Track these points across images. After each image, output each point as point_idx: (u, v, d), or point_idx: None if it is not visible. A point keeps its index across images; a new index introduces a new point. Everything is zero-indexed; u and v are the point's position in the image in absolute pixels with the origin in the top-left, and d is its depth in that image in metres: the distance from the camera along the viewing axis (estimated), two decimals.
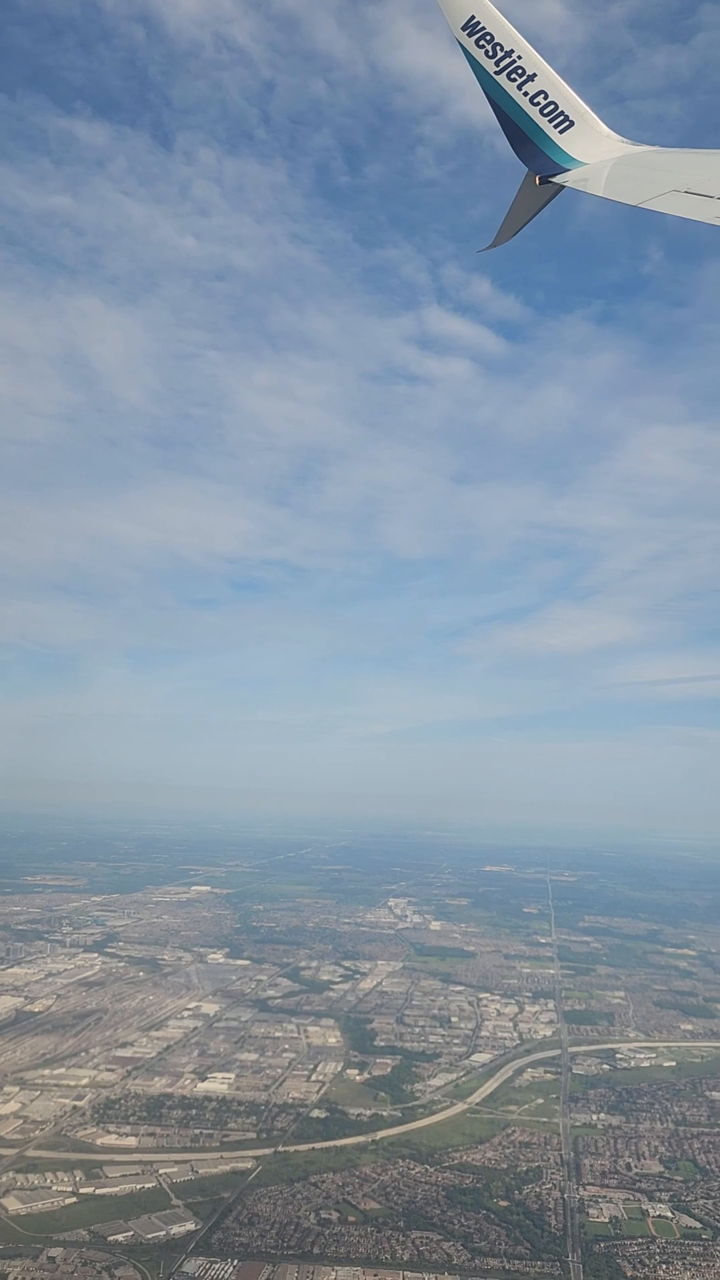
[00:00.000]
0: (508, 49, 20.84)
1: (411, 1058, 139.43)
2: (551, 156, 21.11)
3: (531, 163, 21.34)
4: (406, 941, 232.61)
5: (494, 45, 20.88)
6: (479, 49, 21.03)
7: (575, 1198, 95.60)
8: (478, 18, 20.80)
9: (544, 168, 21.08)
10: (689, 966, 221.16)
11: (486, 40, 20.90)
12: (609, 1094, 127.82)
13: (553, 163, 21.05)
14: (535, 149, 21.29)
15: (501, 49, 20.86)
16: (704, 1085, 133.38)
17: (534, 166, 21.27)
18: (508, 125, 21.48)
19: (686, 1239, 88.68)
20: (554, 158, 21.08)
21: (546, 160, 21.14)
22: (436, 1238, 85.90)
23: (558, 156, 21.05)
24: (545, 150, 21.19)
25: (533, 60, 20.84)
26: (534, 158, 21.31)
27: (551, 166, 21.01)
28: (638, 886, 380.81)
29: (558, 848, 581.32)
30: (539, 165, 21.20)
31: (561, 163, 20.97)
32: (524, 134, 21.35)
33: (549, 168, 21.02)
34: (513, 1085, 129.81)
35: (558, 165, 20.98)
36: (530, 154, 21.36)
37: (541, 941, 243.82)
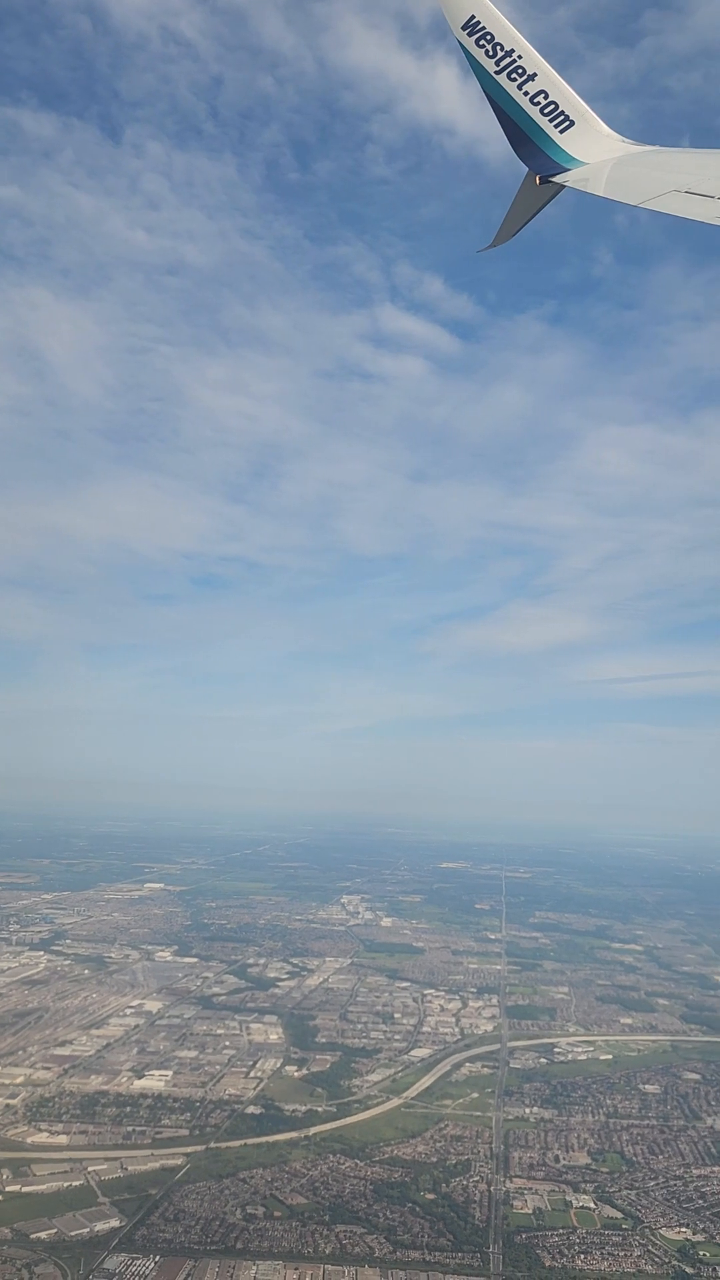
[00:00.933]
0: (508, 49, 21.01)
1: (352, 1054, 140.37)
2: (552, 156, 21.32)
3: (531, 162, 21.51)
4: (356, 938, 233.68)
5: (494, 45, 21.05)
6: (479, 49, 21.19)
7: (501, 1190, 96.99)
8: (478, 17, 20.94)
9: (544, 167, 21.28)
10: (634, 962, 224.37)
11: (487, 40, 21.06)
12: (544, 1088, 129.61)
13: (553, 162, 21.25)
14: (535, 149, 21.48)
15: (502, 49, 21.03)
16: (638, 1079, 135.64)
17: (534, 166, 21.45)
18: (508, 125, 21.66)
19: (607, 1229, 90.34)
20: (554, 157, 21.29)
21: (547, 160, 21.33)
22: (361, 1231, 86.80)
23: (558, 156, 21.25)
24: (545, 150, 21.39)
25: (533, 60, 21.06)
26: (534, 157, 21.50)
27: (552, 166, 21.21)
28: (591, 883, 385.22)
29: (516, 844, 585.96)
30: (539, 165, 21.39)
31: (562, 162, 21.17)
32: (524, 134, 21.53)
33: (549, 167, 21.22)
34: (450, 1080, 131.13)
35: (558, 165, 21.18)
36: (530, 154, 21.55)
37: (491, 938, 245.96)
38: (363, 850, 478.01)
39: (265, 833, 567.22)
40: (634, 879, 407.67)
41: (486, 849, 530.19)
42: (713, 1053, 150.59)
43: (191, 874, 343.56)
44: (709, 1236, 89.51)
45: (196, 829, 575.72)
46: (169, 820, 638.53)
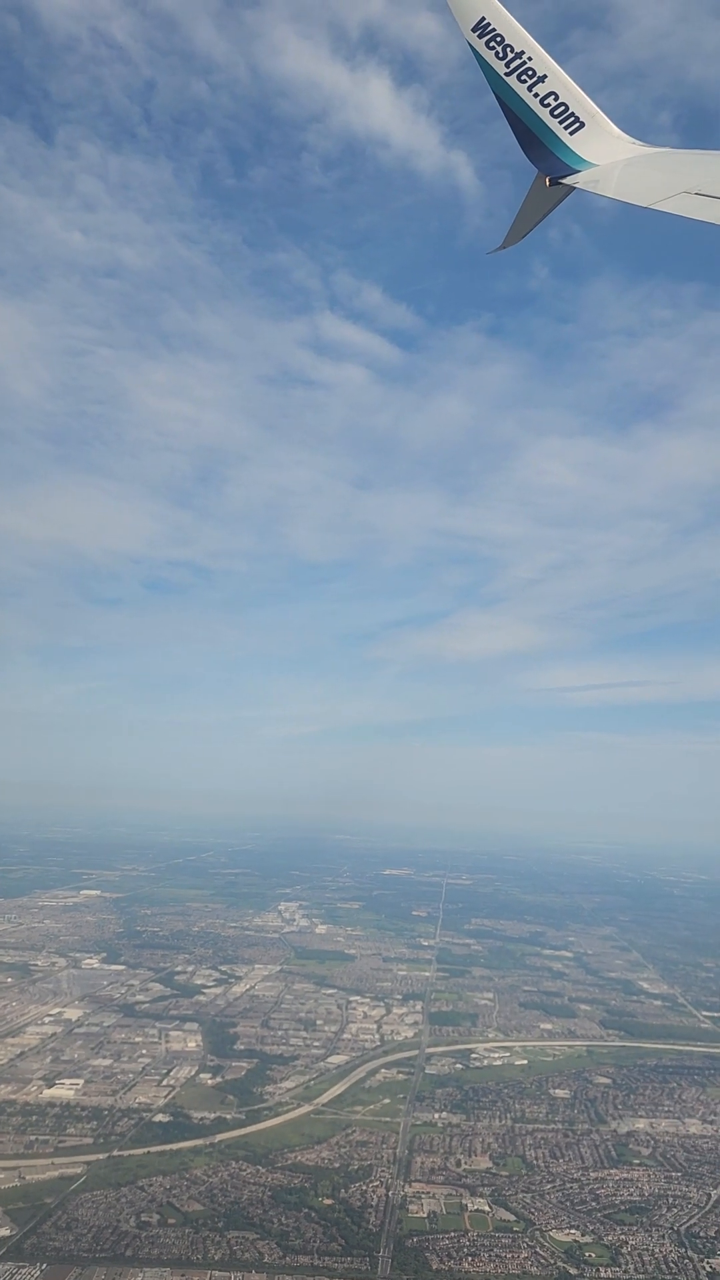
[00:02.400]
0: (518, 50, 20.98)
1: (268, 1061, 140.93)
2: (561, 158, 21.33)
3: (541, 164, 21.56)
4: (289, 945, 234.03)
5: (504, 46, 21.01)
6: (489, 50, 21.15)
7: (399, 1195, 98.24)
8: (488, 19, 20.92)
9: (554, 169, 21.33)
10: (563, 968, 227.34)
11: (497, 41, 21.03)
12: (455, 1093, 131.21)
13: (563, 164, 21.28)
14: (545, 150, 21.51)
15: (512, 50, 21.00)
16: (550, 1083, 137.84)
17: (544, 168, 21.49)
18: (517, 126, 21.64)
19: (498, 1231, 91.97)
20: (564, 159, 21.31)
21: (556, 162, 21.37)
22: (253, 1237, 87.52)
23: (568, 158, 21.27)
24: (555, 152, 21.41)
25: (543, 61, 21.02)
26: (544, 159, 21.53)
27: (561, 168, 21.25)
28: (531, 889, 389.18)
29: (463, 851, 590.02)
30: (549, 167, 21.42)
31: (572, 164, 21.20)
32: (534, 135, 21.55)
33: (559, 169, 21.27)
34: (363, 1086, 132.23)
35: (568, 167, 21.21)
36: (540, 155, 21.58)
37: (424, 944, 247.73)
38: (308, 856, 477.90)
39: (212, 839, 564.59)
40: (574, 886, 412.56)
41: (433, 855, 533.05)
42: (626, 1057, 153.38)
43: (130, 880, 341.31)
44: (597, 1238, 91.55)
45: (142, 835, 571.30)
46: (115, 826, 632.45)
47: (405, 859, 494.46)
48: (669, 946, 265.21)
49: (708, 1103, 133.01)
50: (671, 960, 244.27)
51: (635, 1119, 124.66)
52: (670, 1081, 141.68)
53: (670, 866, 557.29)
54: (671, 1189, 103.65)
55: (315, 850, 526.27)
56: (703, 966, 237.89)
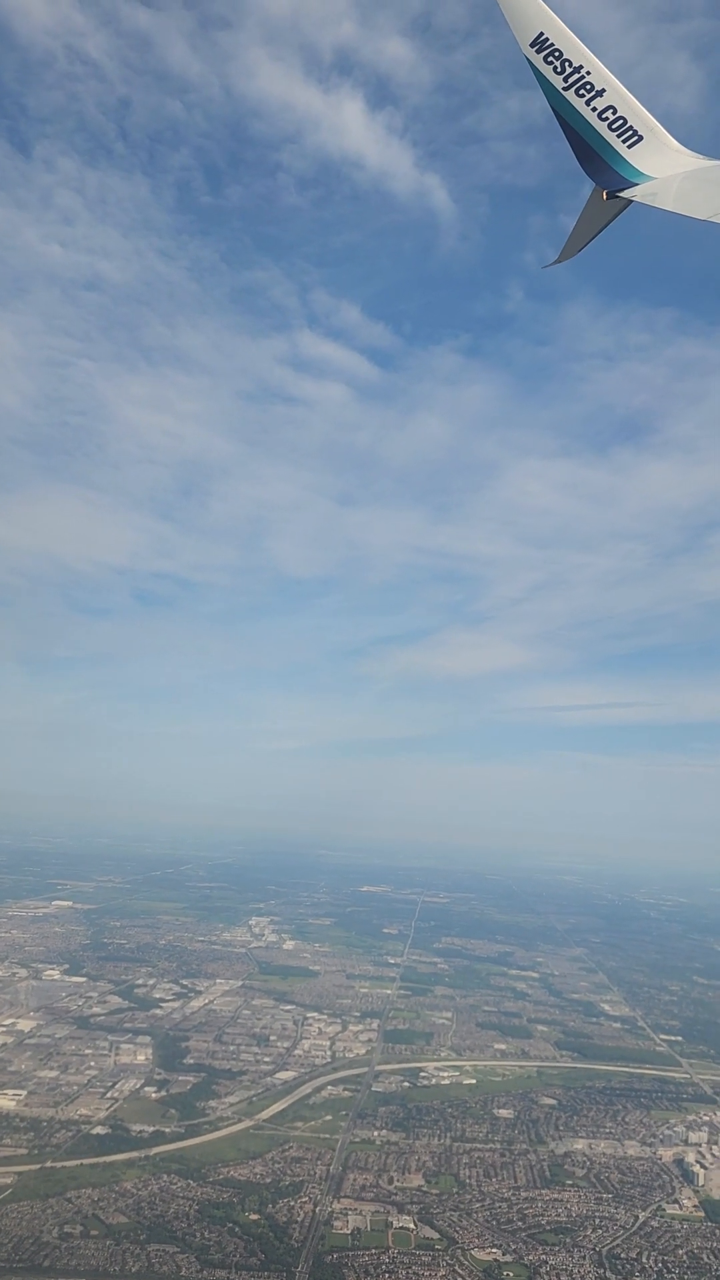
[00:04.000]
0: (576, 64, 21.08)
1: (216, 1075, 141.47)
2: (619, 171, 21.39)
3: (598, 177, 21.65)
4: (254, 960, 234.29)
5: (563, 61, 21.14)
6: (547, 65, 21.32)
7: (326, 1211, 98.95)
8: (547, 34, 21.09)
9: (611, 182, 21.42)
10: (527, 988, 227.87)
11: (555, 56, 21.17)
12: (399, 1111, 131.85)
13: (620, 177, 21.35)
14: (603, 163, 21.54)
15: (570, 65, 21.11)
16: (495, 1103, 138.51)
17: (601, 181, 21.59)
18: (575, 140, 21.71)
19: (419, 1249, 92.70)
20: (622, 172, 21.36)
21: (614, 175, 21.44)
22: (173, 1250, 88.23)
23: (625, 171, 21.32)
24: (613, 165, 21.43)
25: (601, 75, 21.10)
26: (601, 172, 21.62)
27: (619, 181, 21.33)
28: (506, 909, 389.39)
29: (444, 869, 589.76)
30: (606, 180, 21.51)
31: (629, 177, 21.28)
32: (592, 149, 21.56)
33: (616, 182, 21.36)
34: (307, 1103, 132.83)
35: (625, 180, 21.28)
36: (597, 169, 21.65)
37: (391, 962, 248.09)
38: (287, 871, 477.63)
39: (193, 851, 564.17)
40: (550, 906, 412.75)
41: (413, 873, 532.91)
42: (575, 1078, 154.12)
43: (105, 892, 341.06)
44: (517, 1257, 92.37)
45: (124, 846, 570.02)
46: (98, 837, 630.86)
47: (385, 876, 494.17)
48: (637, 969, 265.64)
49: (650, 1125, 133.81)
50: (637, 983, 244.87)
51: (575, 1140, 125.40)
52: (616, 1104, 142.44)
53: (651, 889, 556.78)
54: (600, 1210, 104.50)
55: (296, 865, 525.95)
56: (667, 990, 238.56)
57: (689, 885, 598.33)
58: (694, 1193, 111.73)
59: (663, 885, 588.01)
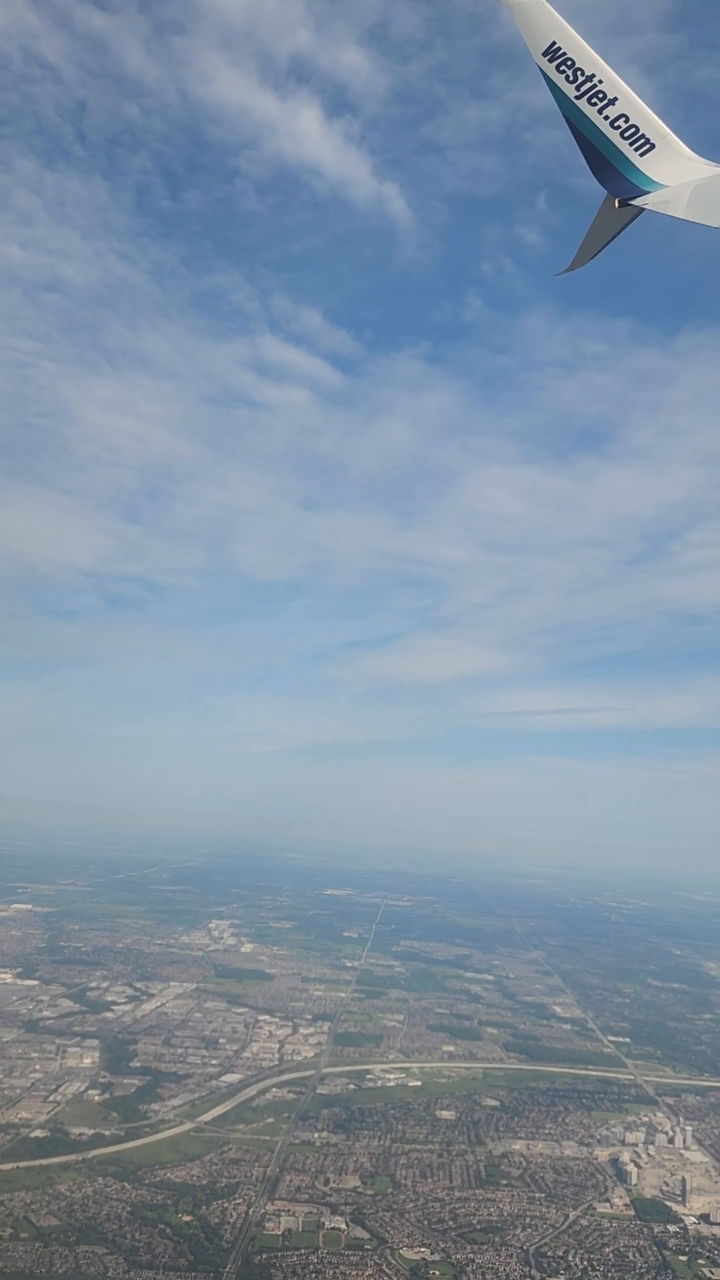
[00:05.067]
0: (588, 73, 21.23)
1: (161, 1078, 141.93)
2: (631, 179, 21.50)
3: (610, 186, 21.76)
4: (211, 964, 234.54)
5: (575, 70, 21.27)
6: (559, 74, 21.44)
7: (259, 1212, 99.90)
8: (559, 43, 21.25)
9: (623, 191, 21.55)
10: (481, 991, 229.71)
11: (568, 65, 21.31)
12: (341, 1113, 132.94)
13: (633, 185, 21.47)
14: (615, 172, 21.67)
15: (582, 74, 21.24)
16: (438, 1105, 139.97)
17: (613, 189, 21.71)
18: (587, 149, 21.80)
19: (349, 1249, 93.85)
20: (634, 180, 21.47)
21: (626, 183, 21.55)
22: (102, 1252, 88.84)
23: (637, 179, 21.45)
24: (625, 173, 21.56)
25: (614, 84, 21.22)
26: (613, 181, 21.72)
27: (631, 189, 21.46)
28: (468, 912, 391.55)
29: (411, 872, 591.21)
30: (618, 188, 21.62)
31: (642, 185, 21.40)
32: (604, 157, 21.66)
33: (629, 190, 21.49)
34: (251, 1105, 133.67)
35: (638, 188, 21.41)
36: (609, 177, 21.76)
37: (348, 965, 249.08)
38: (252, 875, 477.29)
39: (159, 854, 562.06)
40: (512, 909, 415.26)
41: (379, 876, 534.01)
42: (519, 1080, 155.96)
43: (66, 895, 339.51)
44: (445, 1256, 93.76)
45: (90, 849, 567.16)
46: (64, 839, 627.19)
47: (350, 879, 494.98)
48: (592, 972, 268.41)
49: (589, 1126, 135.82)
50: (591, 985, 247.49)
51: (513, 1141, 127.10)
52: (558, 1105, 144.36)
53: (615, 892, 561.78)
54: (531, 1210, 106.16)
55: (262, 868, 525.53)
56: (620, 992, 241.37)
57: (654, 889, 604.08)
58: (626, 1192, 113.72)
59: (627, 889, 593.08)
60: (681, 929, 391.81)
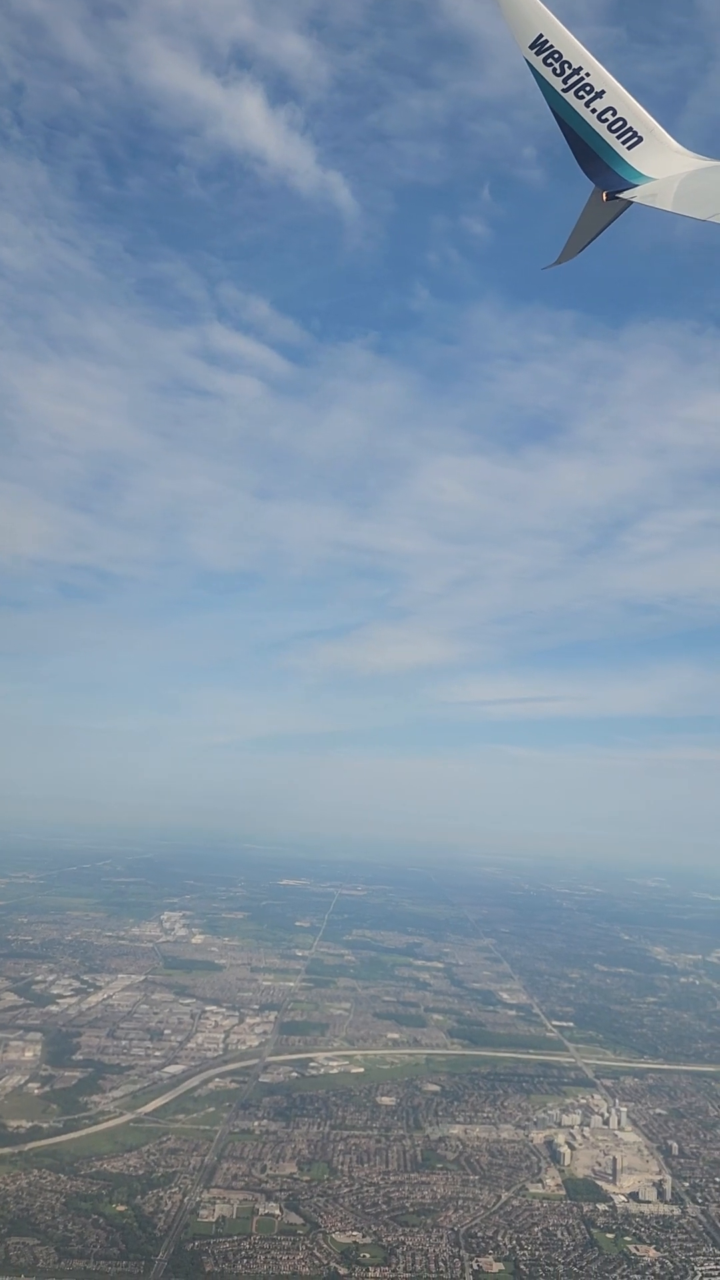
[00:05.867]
0: (576, 66, 21.00)
1: (104, 1070, 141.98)
2: (619, 172, 21.35)
3: (598, 179, 21.59)
4: (160, 955, 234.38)
5: (562, 63, 21.06)
6: (547, 67, 21.23)
7: (194, 1201, 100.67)
8: (546, 36, 21.01)
9: (611, 184, 21.38)
10: (430, 978, 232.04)
11: (555, 58, 21.08)
12: (282, 1101, 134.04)
13: (620, 179, 21.31)
14: (602, 165, 21.50)
15: (570, 66, 21.03)
16: (379, 1091, 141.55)
17: (601, 183, 21.54)
18: (574, 142, 21.63)
19: (282, 1235, 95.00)
20: (621, 174, 21.32)
21: (614, 176, 21.40)
22: (34, 1243, 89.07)
23: (625, 172, 21.29)
24: (613, 166, 21.40)
25: (600, 77, 21.02)
26: (601, 174, 21.56)
27: (619, 182, 21.30)
28: (421, 901, 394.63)
29: (368, 861, 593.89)
30: (606, 181, 21.45)
31: (629, 178, 21.25)
32: (591, 150, 21.51)
33: (616, 184, 21.32)
34: (192, 1095, 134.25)
35: (625, 181, 21.25)
36: (597, 170, 21.60)
37: (298, 954, 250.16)
38: (208, 865, 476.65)
39: (116, 846, 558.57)
40: (466, 898, 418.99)
41: (335, 866, 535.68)
42: (461, 1065, 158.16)
43: (16, 888, 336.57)
44: (376, 1239, 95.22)
45: (44, 841, 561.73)
46: (19, 832, 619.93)
47: (307, 869, 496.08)
48: (541, 958, 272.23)
49: (527, 1109, 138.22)
50: (539, 971, 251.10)
51: (452, 1125, 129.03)
52: (498, 1089, 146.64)
53: (570, 879, 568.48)
54: (464, 1192, 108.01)
55: (217, 859, 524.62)
56: (567, 978, 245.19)
57: (607, 876, 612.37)
58: (559, 1172, 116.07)
59: (581, 876, 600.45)
60: (631, 915, 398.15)
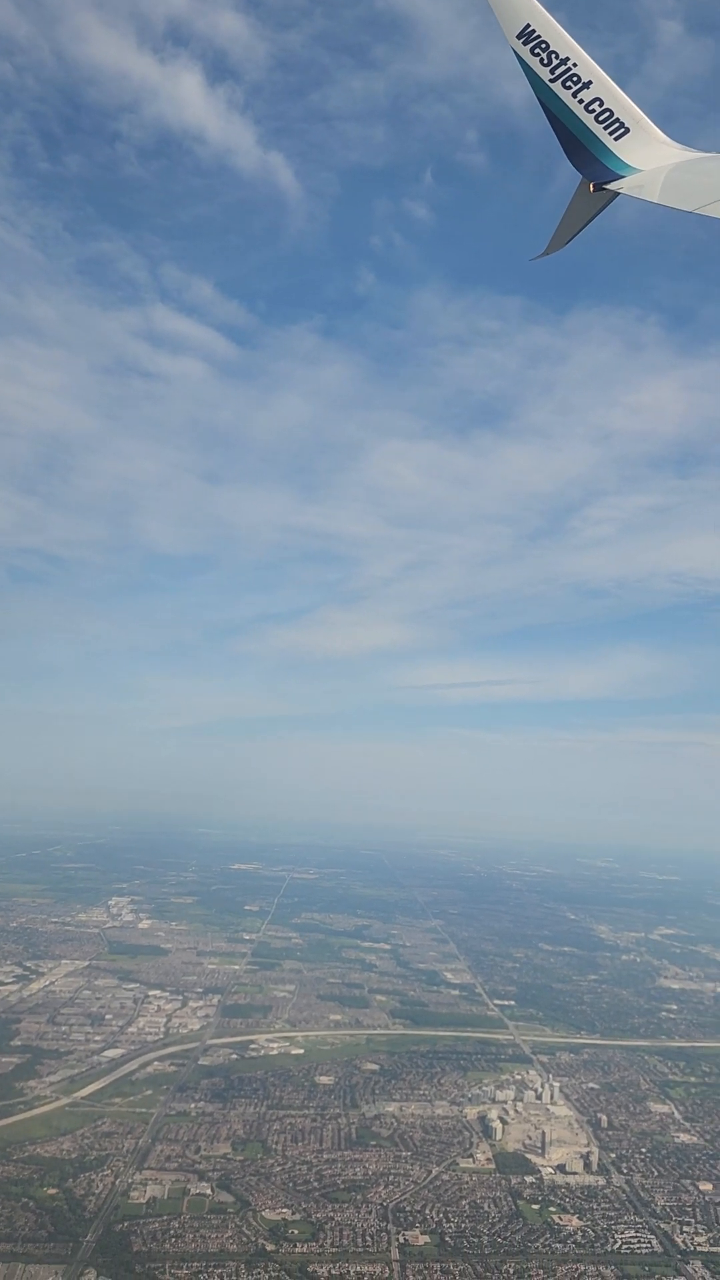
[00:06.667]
0: (563, 56, 20.84)
1: (42, 1055, 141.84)
2: (606, 163, 21.19)
3: (585, 170, 21.44)
4: (106, 941, 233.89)
5: (549, 53, 20.89)
6: (534, 57, 21.06)
7: (126, 1183, 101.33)
8: (533, 26, 20.85)
9: (598, 175, 21.22)
10: (376, 960, 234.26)
11: (542, 48, 20.92)
12: (220, 1083, 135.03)
13: (607, 170, 21.15)
14: (589, 156, 21.35)
15: (557, 56, 20.86)
16: (317, 1071, 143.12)
17: (588, 174, 21.39)
18: (562, 132, 21.49)
19: (212, 1213, 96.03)
20: (608, 165, 21.16)
21: (601, 167, 21.25)
22: None
23: (612, 163, 21.13)
24: (600, 157, 21.25)
25: (588, 67, 20.86)
26: (588, 165, 21.41)
27: (606, 173, 21.13)
28: (372, 884, 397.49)
29: (321, 845, 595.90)
30: (593, 172, 21.31)
31: (616, 169, 21.08)
32: (578, 141, 21.38)
33: (603, 175, 21.15)
34: (130, 1079, 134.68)
35: (612, 172, 21.07)
36: (584, 161, 21.44)
37: (246, 938, 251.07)
38: (159, 851, 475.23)
39: (68, 832, 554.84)
40: (417, 880, 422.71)
41: (288, 850, 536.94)
42: (401, 1044, 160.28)
43: None
44: (305, 1215, 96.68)
45: None
46: None
47: (259, 854, 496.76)
48: (487, 938, 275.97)
49: (463, 1086, 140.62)
50: (484, 952, 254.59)
51: (388, 1103, 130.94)
52: (436, 1067, 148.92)
53: (521, 860, 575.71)
54: (396, 1168, 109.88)
55: (170, 844, 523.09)
56: (512, 957, 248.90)
57: (557, 856, 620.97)
58: (490, 1147, 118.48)
59: (533, 857, 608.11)
60: (579, 894, 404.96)
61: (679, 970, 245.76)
